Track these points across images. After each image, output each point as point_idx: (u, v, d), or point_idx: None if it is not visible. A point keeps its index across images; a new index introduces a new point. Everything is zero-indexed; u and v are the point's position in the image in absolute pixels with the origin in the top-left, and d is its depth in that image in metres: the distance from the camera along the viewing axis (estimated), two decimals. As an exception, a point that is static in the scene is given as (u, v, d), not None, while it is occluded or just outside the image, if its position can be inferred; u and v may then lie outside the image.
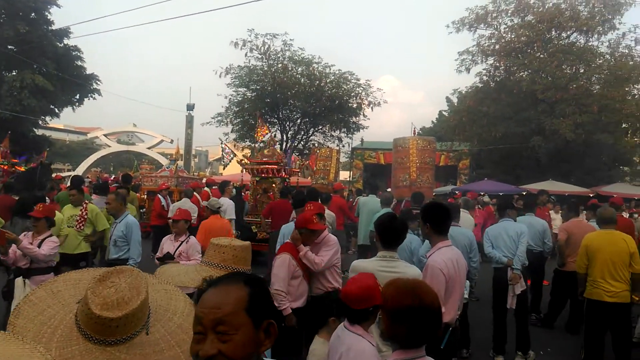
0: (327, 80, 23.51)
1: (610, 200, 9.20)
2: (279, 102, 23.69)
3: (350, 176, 30.62)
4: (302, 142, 26.15)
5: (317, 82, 23.18)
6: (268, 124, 19.30)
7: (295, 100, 23.60)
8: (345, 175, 33.41)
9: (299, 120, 25.39)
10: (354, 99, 24.33)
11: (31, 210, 5.34)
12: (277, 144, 16.14)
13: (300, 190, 9.37)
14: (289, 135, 25.39)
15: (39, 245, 5.11)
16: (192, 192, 10.68)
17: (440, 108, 44.02)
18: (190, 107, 35.54)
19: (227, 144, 19.69)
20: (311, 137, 26.39)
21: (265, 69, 23.28)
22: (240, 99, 24.28)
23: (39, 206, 5.37)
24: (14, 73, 21.38)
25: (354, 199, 12.90)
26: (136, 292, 1.47)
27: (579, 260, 5.34)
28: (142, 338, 1.48)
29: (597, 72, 21.37)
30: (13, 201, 7.78)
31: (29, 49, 20.32)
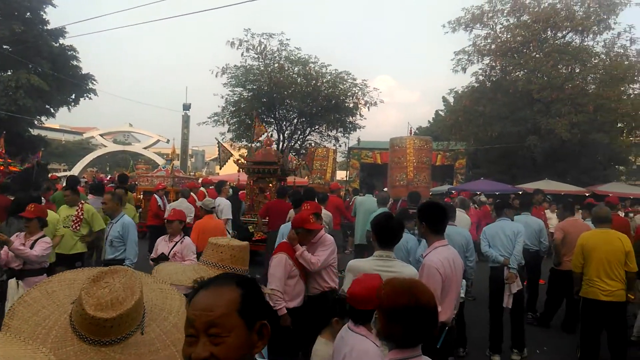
0: (324, 80, 23.46)
1: (606, 199, 9.26)
2: (276, 102, 23.66)
3: (347, 176, 30.62)
4: (299, 142, 26.11)
5: (314, 82, 23.13)
6: (265, 124, 19.29)
7: (291, 100, 23.55)
8: (342, 174, 33.44)
9: (295, 120, 25.34)
10: (351, 98, 24.30)
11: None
12: (274, 144, 16.15)
13: (298, 190, 9.39)
14: (286, 135, 25.34)
15: (32, 246, 5.03)
16: (189, 192, 10.66)
17: (436, 107, 44.11)
18: (186, 107, 35.55)
19: (224, 144, 19.67)
20: (308, 137, 26.36)
21: (262, 68, 23.23)
22: (236, 98, 24.23)
23: (31, 206, 5.26)
24: (9, 73, 21.29)
25: (351, 199, 12.89)
26: (130, 292, 1.47)
27: (575, 260, 5.36)
28: (137, 338, 1.48)
29: (593, 72, 21.44)
30: (9, 201, 7.73)
31: (24, 49, 20.24)
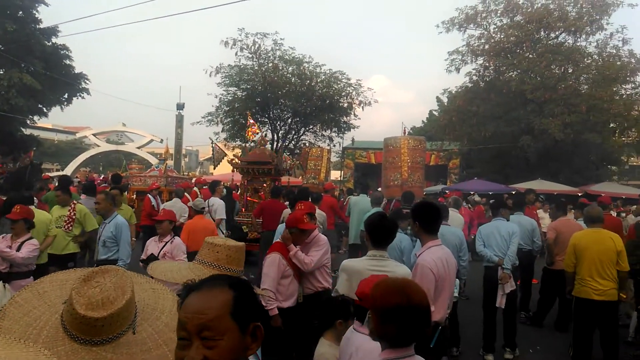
0: (318, 80, 23.44)
1: (599, 199, 9.32)
2: (270, 102, 23.62)
3: (341, 176, 30.64)
4: (293, 142, 26.07)
5: (308, 82, 23.11)
6: (259, 124, 19.25)
7: (285, 99, 23.52)
8: (336, 174, 33.43)
9: (289, 120, 25.31)
10: (345, 98, 24.30)
11: None
12: (268, 144, 16.11)
13: (291, 190, 9.37)
14: (280, 135, 25.30)
15: (18, 249, 4.93)
16: (183, 192, 10.63)
17: (430, 108, 44.24)
18: (180, 107, 35.42)
19: (218, 144, 19.64)
20: (302, 137, 26.32)
21: (256, 68, 23.19)
22: (230, 98, 24.15)
23: (16, 208, 5.13)
24: (1, 72, 21.11)
25: (345, 199, 12.90)
26: (121, 292, 1.46)
27: (567, 259, 5.38)
28: (129, 337, 1.47)
29: (586, 72, 21.59)
30: (0, 201, 7.69)
31: (16, 48, 20.08)
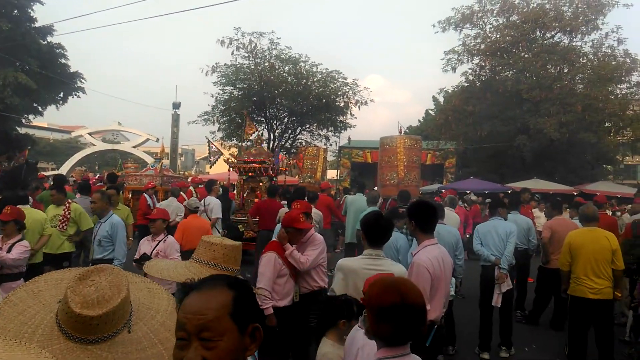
0: (314, 79, 23.44)
1: (594, 198, 9.35)
2: (266, 101, 23.59)
3: (337, 175, 30.64)
4: (290, 141, 26.06)
5: (304, 81, 23.10)
6: (255, 123, 19.22)
7: (282, 99, 23.49)
8: (332, 173, 33.44)
9: (286, 119, 25.28)
10: (341, 97, 24.30)
11: None
12: (264, 143, 16.12)
13: (288, 189, 9.38)
14: (276, 134, 25.27)
15: (9, 250, 4.89)
16: (179, 192, 10.59)
17: (426, 107, 44.21)
18: (176, 106, 35.30)
19: (214, 143, 19.62)
20: (298, 136, 26.30)
21: (252, 67, 23.15)
22: (227, 97, 24.12)
23: (7, 209, 5.07)
24: (-4, 71, 21.02)
25: (342, 198, 12.90)
26: (117, 290, 1.46)
27: (562, 258, 5.40)
28: (124, 336, 1.47)
29: (581, 72, 21.67)
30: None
31: (11, 47, 19.96)
